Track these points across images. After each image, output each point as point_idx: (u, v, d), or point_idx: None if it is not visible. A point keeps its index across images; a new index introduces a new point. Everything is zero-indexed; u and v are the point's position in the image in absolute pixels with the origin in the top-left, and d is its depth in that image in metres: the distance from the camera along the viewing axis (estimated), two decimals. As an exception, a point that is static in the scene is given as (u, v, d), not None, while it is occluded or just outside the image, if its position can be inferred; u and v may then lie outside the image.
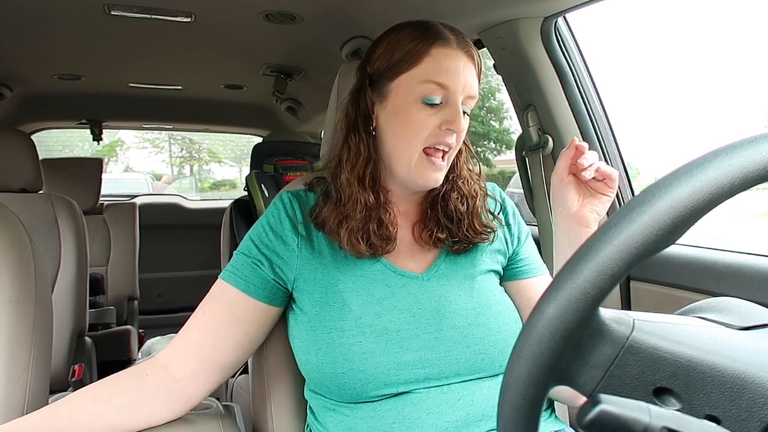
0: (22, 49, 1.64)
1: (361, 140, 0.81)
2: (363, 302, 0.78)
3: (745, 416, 0.33)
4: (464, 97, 0.78)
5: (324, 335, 0.76)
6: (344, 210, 0.79)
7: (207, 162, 16.28)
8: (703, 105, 10.10)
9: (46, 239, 1.72)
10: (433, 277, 0.82)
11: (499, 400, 0.36)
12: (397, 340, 0.76)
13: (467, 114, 0.80)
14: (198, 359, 0.78)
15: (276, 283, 0.80)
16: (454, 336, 0.77)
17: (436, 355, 0.76)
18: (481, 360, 0.77)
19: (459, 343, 0.77)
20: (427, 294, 0.80)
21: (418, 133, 0.77)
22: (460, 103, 0.77)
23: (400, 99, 0.78)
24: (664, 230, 0.31)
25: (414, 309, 0.78)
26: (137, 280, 2.64)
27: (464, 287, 0.82)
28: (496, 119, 12.93)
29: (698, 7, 11.28)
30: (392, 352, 0.75)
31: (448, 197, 0.85)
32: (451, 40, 0.78)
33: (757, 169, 0.31)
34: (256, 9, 1.30)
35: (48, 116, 2.63)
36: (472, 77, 0.79)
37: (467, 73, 0.78)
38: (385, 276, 0.81)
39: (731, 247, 1.07)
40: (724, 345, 0.36)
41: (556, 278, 0.34)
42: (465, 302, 0.80)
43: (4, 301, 0.81)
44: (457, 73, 0.77)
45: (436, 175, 0.79)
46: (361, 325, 0.76)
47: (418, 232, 0.85)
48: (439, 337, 0.77)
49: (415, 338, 0.76)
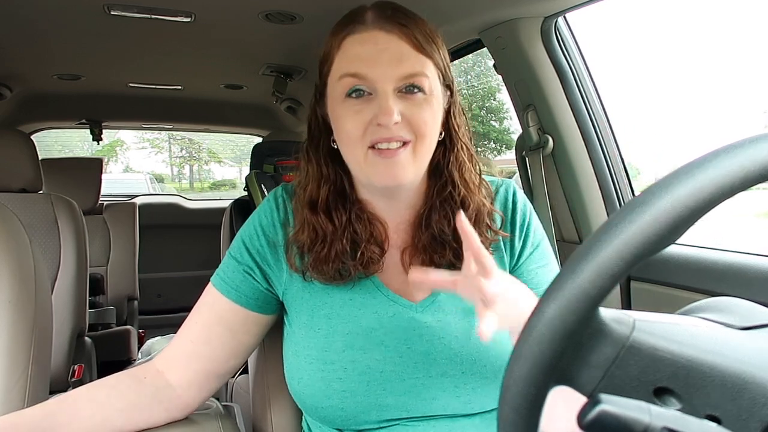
0: (22, 49, 1.64)
1: (316, 160, 0.75)
2: (348, 332, 0.72)
3: (746, 416, 0.33)
4: (400, 78, 0.67)
5: (306, 365, 0.73)
6: (300, 237, 0.73)
7: (207, 162, 16.28)
8: (703, 105, 10.10)
9: (46, 239, 1.71)
10: (428, 310, 0.73)
11: (499, 400, 0.36)
12: (380, 381, 0.71)
13: (420, 91, 0.68)
14: (191, 369, 0.77)
15: (268, 292, 0.78)
16: (443, 384, 0.71)
17: (421, 402, 0.71)
18: (471, 408, 0.72)
19: (448, 392, 0.71)
20: (419, 331, 0.72)
21: (352, 133, 0.68)
22: (390, 89, 0.66)
23: (331, 103, 0.71)
24: (664, 230, 0.31)
25: (402, 348, 0.71)
26: (137, 280, 2.64)
27: (462, 326, 0.73)
28: (496, 119, 12.94)
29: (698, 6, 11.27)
30: (374, 394, 0.70)
31: (431, 215, 0.74)
32: (366, 22, 0.68)
33: (757, 168, 0.31)
34: (256, 9, 1.30)
35: (48, 116, 2.63)
36: (402, 52, 0.67)
37: (392, 51, 0.67)
38: (376, 301, 0.74)
39: (731, 247, 1.07)
40: (724, 345, 0.36)
41: (556, 278, 0.34)
42: (461, 346, 0.72)
43: (4, 302, 0.81)
44: (373, 57, 0.67)
45: (392, 171, 0.67)
46: (344, 359, 0.71)
47: (408, 257, 0.75)
48: (426, 384, 0.71)
49: (401, 382, 0.71)
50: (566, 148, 1.31)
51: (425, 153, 0.70)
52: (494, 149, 12.96)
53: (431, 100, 0.69)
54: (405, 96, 0.68)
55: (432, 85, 0.69)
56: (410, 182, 0.71)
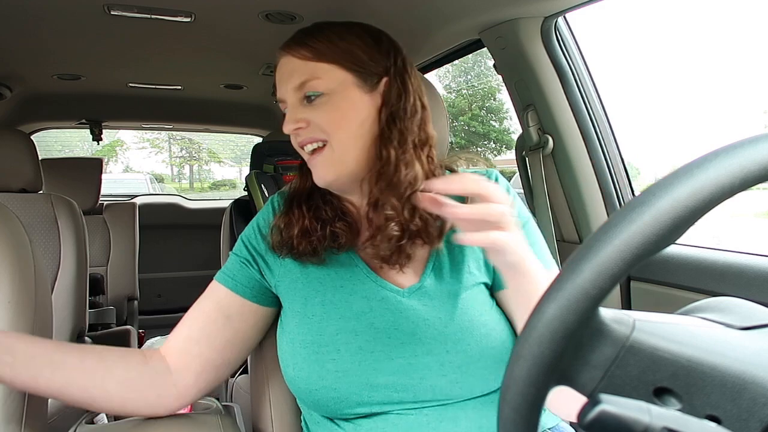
0: (22, 49, 1.64)
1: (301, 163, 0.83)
2: (341, 316, 0.76)
3: (746, 416, 0.33)
4: (294, 90, 0.75)
5: (301, 349, 0.76)
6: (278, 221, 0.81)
7: (207, 162, 16.28)
8: (703, 105, 10.10)
9: (46, 239, 1.71)
10: (414, 296, 0.77)
11: (499, 400, 0.36)
12: (371, 362, 0.73)
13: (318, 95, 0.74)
14: (189, 354, 0.79)
15: (263, 284, 0.82)
16: (429, 363, 0.73)
17: (410, 381, 0.73)
18: (459, 388, 0.73)
19: (434, 371, 0.73)
20: (406, 314, 0.75)
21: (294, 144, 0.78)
22: (291, 102, 0.76)
23: None
24: (664, 230, 0.31)
25: (391, 330, 0.75)
26: (137, 280, 2.63)
27: (446, 308, 0.76)
28: (496, 119, 12.94)
29: (698, 6, 11.27)
30: (366, 373, 0.73)
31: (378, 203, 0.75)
32: (284, 49, 0.77)
33: (757, 168, 0.31)
34: (256, 9, 1.30)
35: (48, 116, 2.63)
36: (293, 67, 0.75)
37: (285, 70, 0.76)
38: (366, 287, 0.78)
39: (731, 247, 1.07)
40: (724, 345, 0.36)
41: (556, 278, 0.34)
42: (444, 326, 0.74)
43: (4, 302, 0.81)
44: (279, 80, 0.77)
45: (317, 172, 0.76)
46: (338, 341, 0.75)
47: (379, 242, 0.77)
48: (413, 363, 0.73)
49: (390, 361, 0.73)
50: (566, 148, 1.31)
51: (343, 149, 0.74)
52: (494, 149, 12.97)
53: (334, 98, 0.74)
54: (310, 103, 0.74)
55: (330, 83, 0.74)
56: (336, 179, 0.76)
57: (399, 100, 0.75)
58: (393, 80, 0.76)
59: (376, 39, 0.78)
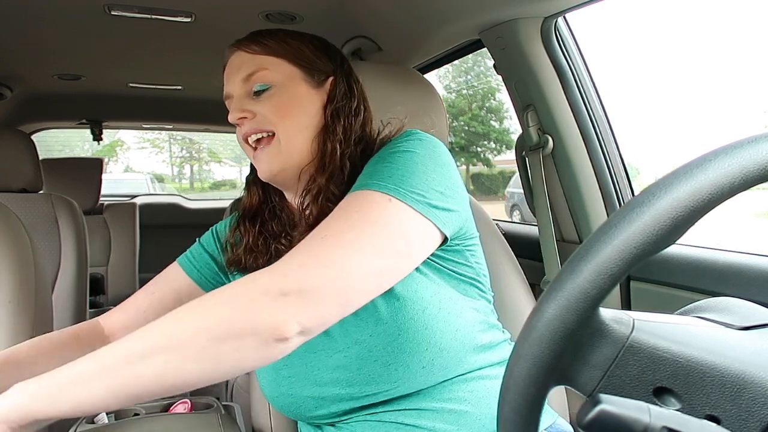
0: (22, 49, 1.64)
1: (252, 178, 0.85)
2: None
3: (745, 416, 0.33)
4: (241, 82, 0.76)
5: None
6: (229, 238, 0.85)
7: (207, 162, 16.28)
8: (702, 105, 10.11)
9: (46, 239, 1.71)
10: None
11: (499, 400, 0.36)
12: (315, 362, 0.73)
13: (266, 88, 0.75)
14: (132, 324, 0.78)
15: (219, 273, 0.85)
16: (371, 356, 0.71)
17: (351, 375, 0.71)
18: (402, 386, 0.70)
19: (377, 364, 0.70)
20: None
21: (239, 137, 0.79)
22: (237, 95, 0.77)
23: None
24: (664, 230, 0.31)
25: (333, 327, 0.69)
26: (137, 280, 2.63)
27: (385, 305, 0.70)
28: (496, 119, 12.93)
29: (698, 6, 11.28)
30: (312, 373, 0.73)
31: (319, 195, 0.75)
32: (234, 45, 0.79)
33: (757, 168, 0.31)
34: (256, 9, 1.30)
35: (48, 116, 2.63)
36: (242, 60, 0.77)
37: (234, 64, 0.78)
38: None
39: (731, 247, 1.07)
40: (724, 345, 0.36)
41: (556, 278, 0.34)
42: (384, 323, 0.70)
43: (4, 301, 0.81)
44: (231, 73, 0.78)
45: (259, 165, 0.77)
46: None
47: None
48: (348, 355, 0.72)
49: (328, 358, 0.73)
50: (566, 148, 1.31)
51: (289, 139, 0.75)
52: (494, 149, 12.96)
53: (281, 90, 0.75)
54: (257, 97, 0.75)
55: (278, 76, 0.75)
56: (281, 170, 0.76)
57: (344, 99, 0.78)
58: (339, 80, 0.79)
59: (324, 44, 0.82)
